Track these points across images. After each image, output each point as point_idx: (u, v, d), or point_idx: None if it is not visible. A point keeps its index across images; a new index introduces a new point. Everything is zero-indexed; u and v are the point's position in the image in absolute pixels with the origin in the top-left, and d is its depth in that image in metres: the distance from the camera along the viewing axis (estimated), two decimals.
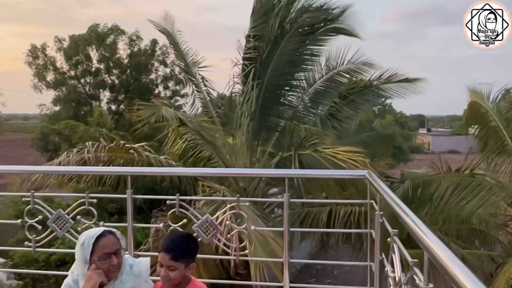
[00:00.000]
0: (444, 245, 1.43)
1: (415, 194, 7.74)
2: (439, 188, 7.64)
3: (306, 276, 12.51)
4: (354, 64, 10.03)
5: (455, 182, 7.56)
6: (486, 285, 5.75)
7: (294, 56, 9.23)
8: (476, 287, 1.12)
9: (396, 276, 2.08)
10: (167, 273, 2.06)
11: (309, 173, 5.49)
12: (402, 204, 1.98)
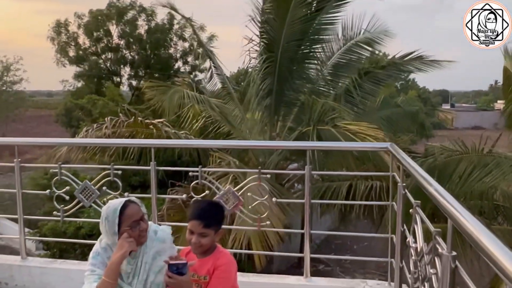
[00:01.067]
0: (468, 212, 1.42)
1: (437, 169, 7.65)
2: (461, 165, 7.53)
3: (325, 251, 12.59)
4: (372, 33, 9.79)
5: (477, 159, 7.44)
6: None
7: (307, 25, 8.97)
8: (502, 251, 1.11)
9: (418, 246, 2.08)
10: (198, 240, 2.12)
11: (331, 145, 5.47)
12: (426, 174, 1.97)
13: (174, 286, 2.01)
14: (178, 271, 1.97)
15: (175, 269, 1.97)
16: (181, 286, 2.00)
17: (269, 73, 8.88)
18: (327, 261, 11.89)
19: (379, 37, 9.70)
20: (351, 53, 10.01)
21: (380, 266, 10.59)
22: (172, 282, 1.98)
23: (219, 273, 2.13)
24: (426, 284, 1.92)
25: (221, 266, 2.15)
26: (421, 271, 2.04)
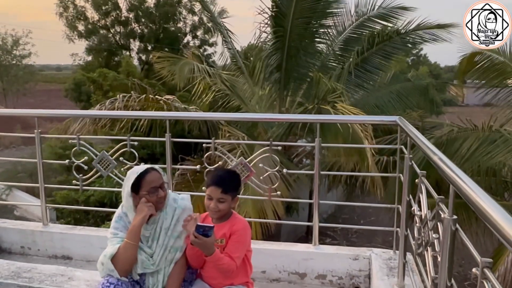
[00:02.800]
0: (469, 178, 1.52)
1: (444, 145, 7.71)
2: (468, 141, 7.57)
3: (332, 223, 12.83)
4: (385, 8, 9.70)
5: (485, 136, 7.46)
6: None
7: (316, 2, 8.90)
8: (500, 214, 1.21)
9: (422, 214, 2.20)
10: (217, 205, 2.25)
11: (341, 119, 5.55)
12: (431, 145, 2.06)
13: (198, 246, 2.14)
14: (204, 233, 2.10)
15: (201, 230, 2.10)
16: (205, 246, 2.13)
17: (279, 48, 8.89)
18: (334, 235, 12.12)
19: (394, 11, 9.61)
20: (363, 27, 9.94)
21: (386, 240, 10.77)
22: (198, 242, 2.11)
23: (235, 237, 2.26)
24: (428, 249, 2.04)
25: (237, 231, 2.28)
26: (424, 237, 2.15)
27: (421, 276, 2.31)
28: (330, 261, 3.23)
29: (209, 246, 2.14)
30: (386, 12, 9.70)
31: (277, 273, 3.31)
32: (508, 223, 1.13)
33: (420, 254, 2.27)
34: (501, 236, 1.11)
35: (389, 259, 3.09)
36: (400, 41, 9.62)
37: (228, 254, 2.22)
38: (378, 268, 2.98)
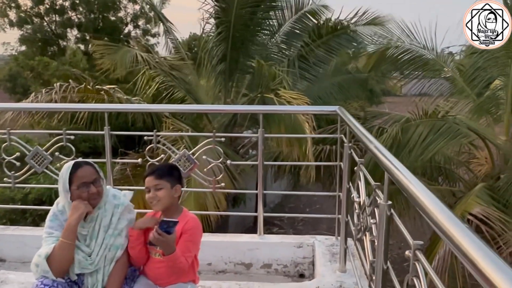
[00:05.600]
0: (403, 166, 1.58)
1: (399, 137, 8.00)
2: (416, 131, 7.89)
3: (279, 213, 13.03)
4: (317, 5, 10.06)
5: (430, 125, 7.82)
6: None
7: None
8: (429, 199, 1.27)
9: (361, 200, 2.27)
10: (155, 194, 2.18)
11: (284, 109, 5.60)
12: (368, 134, 2.13)
13: (160, 244, 2.06)
14: (167, 230, 2.01)
15: (165, 227, 2.01)
16: (168, 244, 2.06)
17: (223, 39, 8.83)
18: (281, 224, 12.31)
19: (321, 9, 9.96)
20: (302, 21, 10.17)
21: (330, 227, 11.10)
22: (161, 240, 2.02)
23: (187, 236, 2.20)
24: (367, 234, 2.11)
25: (189, 230, 2.21)
26: (363, 222, 2.23)
27: (361, 260, 2.39)
28: (275, 250, 3.27)
29: (172, 244, 2.07)
30: (319, 8, 10.03)
31: (223, 264, 3.30)
32: (437, 208, 1.18)
33: (359, 239, 2.34)
34: (430, 220, 1.16)
35: (332, 245, 3.18)
36: (345, 37, 9.91)
37: (180, 253, 2.17)
38: (321, 255, 3.05)
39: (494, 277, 0.80)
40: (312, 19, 10.22)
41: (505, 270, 0.80)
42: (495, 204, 6.13)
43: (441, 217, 1.09)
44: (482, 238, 3.08)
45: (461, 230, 0.99)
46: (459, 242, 0.96)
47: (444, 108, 8.06)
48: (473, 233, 0.98)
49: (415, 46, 8.83)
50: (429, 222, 1.16)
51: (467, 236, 0.96)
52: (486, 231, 5.68)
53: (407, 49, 8.90)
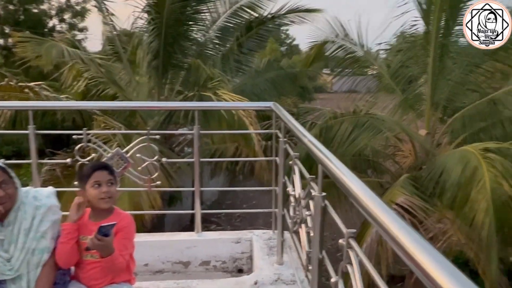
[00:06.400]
0: (336, 158, 1.64)
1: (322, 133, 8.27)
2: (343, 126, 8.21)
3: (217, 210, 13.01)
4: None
5: (353, 121, 8.17)
6: None
7: None
8: (361, 189, 1.33)
9: (296, 193, 2.33)
10: (109, 189, 2.10)
11: (219, 105, 5.60)
12: (302, 128, 2.19)
13: (98, 248, 1.98)
14: (105, 233, 1.93)
15: (104, 231, 1.93)
16: (106, 247, 1.98)
17: (156, 35, 8.63)
18: (218, 221, 12.31)
19: (261, 2, 10.07)
20: (236, 17, 10.20)
21: (267, 221, 11.27)
22: (100, 245, 1.95)
23: (123, 234, 2.14)
24: (303, 226, 2.18)
25: (124, 228, 2.15)
26: (298, 215, 2.29)
27: (298, 252, 2.46)
28: (213, 247, 3.27)
29: (110, 246, 1.99)
30: (254, 1, 10.13)
31: (160, 264, 3.25)
32: (367, 196, 1.25)
33: (296, 232, 2.41)
34: (361, 207, 1.23)
35: (269, 239, 3.24)
36: (272, 24, 10.07)
37: (117, 252, 2.10)
38: (259, 249, 3.10)
39: (419, 257, 0.86)
40: (249, 13, 10.26)
41: (429, 250, 0.87)
42: (417, 194, 6.54)
43: (371, 204, 1.16)
44: None
45: (390, 215, 1.05)
46: (387, 227, 1.02)
47: (368, 105, 8.48)
48: (400, 218, 1.04)
49: (348, 43, 9.19)
50: (360, 210, 1.22)
51: (395, 221, 1.02)
52: (409, 219, 6.05)
53: (340, 46, 9.24)
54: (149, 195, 6.44)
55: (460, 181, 5.87)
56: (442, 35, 7.30)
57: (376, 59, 9.61)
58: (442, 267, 0.80)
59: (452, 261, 2.82)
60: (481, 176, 5.56)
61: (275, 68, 11.54)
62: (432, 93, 7.53)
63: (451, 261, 0.83)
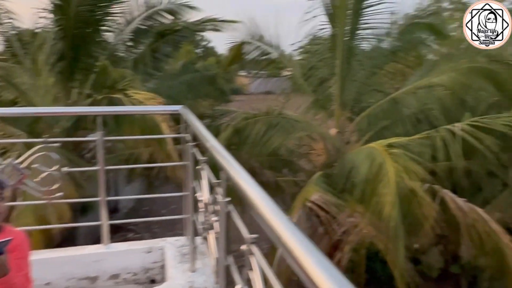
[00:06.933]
0: (238, 165, 1.62)
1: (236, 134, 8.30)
2: (257, 126, 8.31)
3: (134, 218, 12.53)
4: (175, 4, 9.95)
5: (267, 121, 8.32)
6: (289, 206, 6.71)
7: None
8: (259, 195, 1.32)
9: (204, 199, 2.29)
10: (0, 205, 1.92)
11: (123, 110, 5.35)
12: (207, 133, 2.15)
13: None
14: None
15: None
16: (1, 267, 1.78)
17: (62, 36, 8.09)
18: (136, 228, 11.87)
19: (182, 9, 9.90)
20: (152, 20, 9.94)
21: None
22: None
23: (17, 253, 1.95)
24: (211, 232, 2.14)
25: (18, 246, 1.96)
26: (207, 220, 2.25)
27: (209, 258, 2.42)
28: (123, 259, 3.11)
29: (5, 265, 1.79)
30: (174, 8, 9.94)
31: (64, 282, 3.02)
32: (264, 203, 1.24)
33: (206, 237, 2.37)
34: (257, 215, 1.21)
35: (182, 246, 3.16)
36: (188, 31, 9.95)
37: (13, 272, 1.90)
38: (171, 257, 3.01)
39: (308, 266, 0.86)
40: (166, 18, 10.05)
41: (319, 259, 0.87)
42: (330, 190, 6.81)
43: (266, 211, 1.14)
44: (319, 222, 3.39)
45: (283, 222, 1.05)
46: (281, 234, 1.01)
47: (282, 105, 8.70)
48: (295, 225, 1.04)
49: (264, 45, 9.33)
50: (256, 217, 1.20)
51: (288, 229, 1.02)
52: (323, 215, 6.29)
53: (256, 47, 9.36)
54: (56, 207, 6.00)
55: (368, 177, 6.17)
56: (348, 39, 7.69)
57: (290, 60, 9.90)
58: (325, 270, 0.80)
59: (365, 253, 2.95)
60: (386, 171, 5.88)
61: (191, 70, 11.40)
62: (341, 94, 7.90)
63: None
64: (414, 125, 7.65)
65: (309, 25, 8.35)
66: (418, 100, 7.49)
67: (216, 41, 10.63)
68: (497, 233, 5.61)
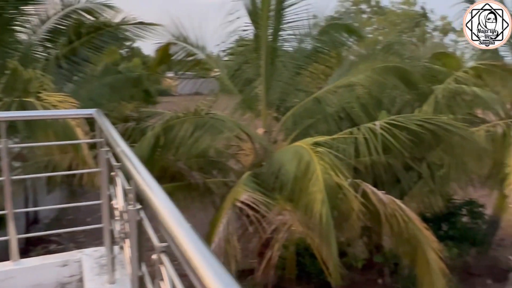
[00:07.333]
0: (148, 174, 1.55)
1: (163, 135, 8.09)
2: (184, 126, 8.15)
3: (57, 229, 11.82)
4: (93, 3, 9.51)
5: (194, 122, 8.21)
6: (219, 205, 6.67)
7: None
8: (164, 202, 1.27)
9: (119, 206, 2.19)
10: None
11: (31, 115, 4.94)
12: (119, 138, 2.05)
13: None
14: None
15: None
16: None
17: None
18: (59, 239, 11.21)
19: (101, 8, 9.47)
20: (70, 19, 9.42)
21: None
22: None
23: None
24: (126, 241, 2.05)
25: None
26: (123, 229, 2.16)
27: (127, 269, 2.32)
28: (35, 275, 2.90)
29: None
30: (93, 6, 9.49)
31: None
32: (169, 212, 1.19)
33: (123, 247, 2.27)
34: (162, 223, 1.17)
35: (101, 257, 3.01)
36: (109, 35, 9.55)
37: None
38: (89, 269, 2.85)
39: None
40: (86, 17, 9.54)
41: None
42: (259, 189, 6.87)
43: (168, 219, 1.11)
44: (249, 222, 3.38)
45: (183, 231, 1.01)
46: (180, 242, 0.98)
47: (209, 106, 8.65)
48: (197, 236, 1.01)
49: (189, 46, 9.20)
50: (161, 225, 1.16)
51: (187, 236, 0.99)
52: (253, 215, 6.33)
53: (182, 48, 9.20)
54: None
55: (296, 175, 6.29)
56: (271, 40, 7.81)
57: (217, 61, 9.86)
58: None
59: (294, 249, 2.98)
60: (314, 169, 6.03)
61: (113, 72, 10.97)
62: (266, 94, 8.01)
63: None
64: (337, 123, 7.96)
65: (233, 26, 8.39)
66: (339, 99, 7.79)
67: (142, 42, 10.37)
68: (413, 221, 5.98)
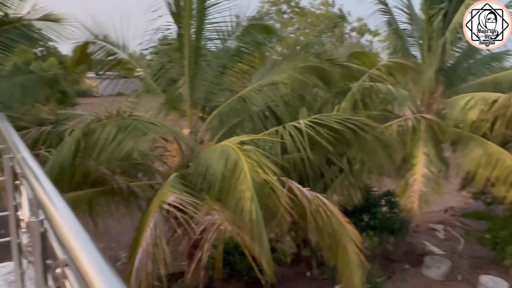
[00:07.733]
0: (48, 182, 1.45)
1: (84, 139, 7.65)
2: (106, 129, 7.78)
3: None
4: None
5: (117, 124, 7.86)
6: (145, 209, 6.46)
7: None
8: (64, 213, 1.19)
9: (25, 218, 2.03)
10: None
11: None
12: (20, 143, 1.90)
13: None
14: None
15: None
16: None
17: None
18: None
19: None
20: None
21: None
22: None
23: None
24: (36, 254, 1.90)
25: None
26: (30, 241, 2.00)
27: None
28: None
29: None
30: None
31: None
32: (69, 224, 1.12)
33: (31, 261, 2.11)
34: (61, 235, 1.09)
35: (9, 273, 2.78)
36: (18, 33, 8.88)
37: None
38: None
39: None
40: None
41: None
42: (187, 190, 6.76)
43: (67, 233, 1.03)
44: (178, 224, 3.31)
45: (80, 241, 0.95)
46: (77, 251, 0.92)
47: (132, 107, 8.37)
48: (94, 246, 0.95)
49: (109, 45, 8.81)
50: (61, 237, 1.09)
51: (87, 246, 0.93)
52: (181, 216, 6.20)
53: (101, 47, 8.79)
54: None
55: (224, 174, 6.27)
56: (194, 39, 7.71)
57: (139, 61, 9.56)
58: None
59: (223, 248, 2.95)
60: (241, 168, 6.04)
61: (25, 71, 10.22)
62: (191, 94, 7.91)
63: None
64: (262, 121, 8.05)
65: (156, 25, 8.17)
66: (263, 97, 7.90)
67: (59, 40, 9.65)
68: (336, 215, 6.22)
